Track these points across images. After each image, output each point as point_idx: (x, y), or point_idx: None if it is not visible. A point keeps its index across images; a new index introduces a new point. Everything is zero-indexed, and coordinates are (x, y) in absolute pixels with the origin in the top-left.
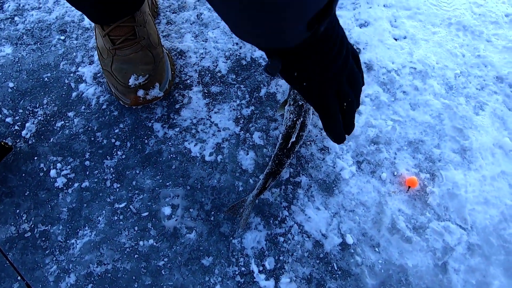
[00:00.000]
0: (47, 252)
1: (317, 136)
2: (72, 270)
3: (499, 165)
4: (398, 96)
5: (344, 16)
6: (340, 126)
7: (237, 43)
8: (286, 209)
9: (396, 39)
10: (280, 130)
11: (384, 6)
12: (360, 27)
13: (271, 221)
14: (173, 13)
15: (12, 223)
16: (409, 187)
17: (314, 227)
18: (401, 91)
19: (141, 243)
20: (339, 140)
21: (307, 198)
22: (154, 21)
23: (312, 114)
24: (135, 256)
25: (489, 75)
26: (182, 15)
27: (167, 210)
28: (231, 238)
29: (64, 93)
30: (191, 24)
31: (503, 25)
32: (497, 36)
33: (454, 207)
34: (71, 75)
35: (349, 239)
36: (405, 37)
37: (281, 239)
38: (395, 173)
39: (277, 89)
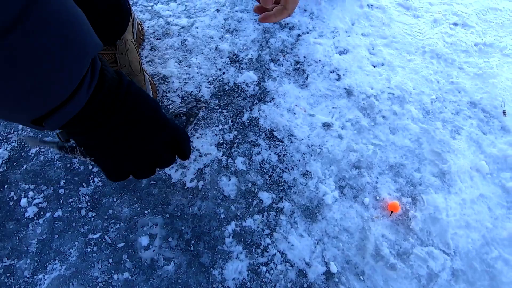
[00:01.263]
0: None
1: (299, 160)
2: None
3: (478, 188)
4: (378, 121)
5: (324, 44)
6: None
7: (220, 69)
8: (269, 236)
9: (374, 66)
10: (262, 155)
11: (362, 35)
12: (340, 54)
13: (253, 250)
14: (157, 39)
15: None
16: (391, 211)
17: (297, 255)
18: (381, 116)
19: (115, 276)
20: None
21: (290, 224)
22: (138, 48)
23: None
24: None
25: (463, 100)
26: (166, 41)
27: (144, 240)
28: (211, 269)
29: None
30: (175, 50)
31: (473, 54)
32: (468, 64)
33: (436, 231)
34: None
35: (333, 268)
36: (382, 64)
37: (264, 268)
38: (378, 198)
39: (259, 113)
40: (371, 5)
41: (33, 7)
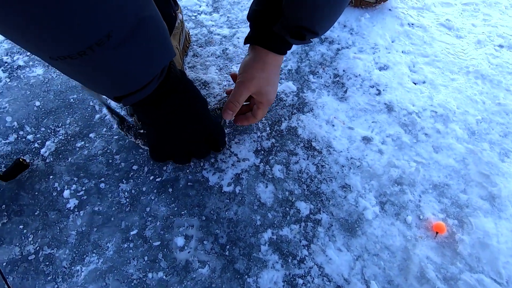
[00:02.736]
0: (49, 278)
1: (338, 173)
2: None
3: None
4: (420, 138)
5: (364, 59)
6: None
7: None
8: (306, 248)
9: (415, 83)
10: (300, 164)
11: (402, 52)
12: (380, 70)
13: (289, 260)
14: (199, 47)
15: (17, 244)
16: (436, 233)
17: (335, 270)
18: (423, 133)
19: (149, 275)
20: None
21: (328, 237)
22: (183, 54)
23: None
24: None
25: None
26: (208, 49)
27: (180, 241)
28: (246, 276)
29: (87, 114)
30: (216, 57)
31: None
32: None
33: (486, 258)
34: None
35: (374, 287)
36: (424, 82)
37: (300, 281)
38: (421, 217)
39: (298, 123)
40: (412, 24)
41: (139, 30)
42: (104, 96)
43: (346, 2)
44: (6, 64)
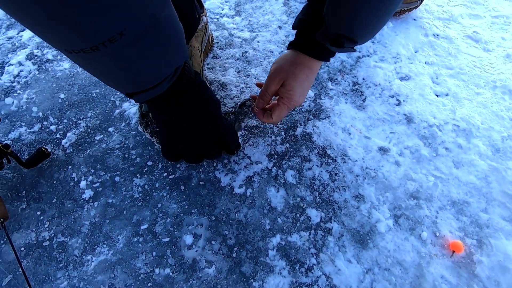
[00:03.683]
0: (61, 265)
1: (352, 182)
2: None
3: None
4: (440, 152)
5: (385, 68)
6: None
7: None
8: (314, 256)
9: (437, 95)
10: (313, 171)
11: (425, 63)
12: (401, 80)
13: (297, 268)
14: (220, 49)
15: (34, 229)
16: (453, 251)
17: (343, 282)
18: (443, 147)
19: (157, 270)
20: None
21: (338, 247)
22: (205, 56)
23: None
24: (149, 285)
25: None
26: (228, 51)
27: (188, 239)
28: (252, 280)
29: (108, 109)
30: (235, 60)
31: None
32: None
33: (506, 283)
34: (117, 93)
35: None
36: (447, 95)
37: None
38: (437, 234)
39: (313, 129)
40: (437, 35)
41: (153, 30)
42: None
43: (388, 15)
44: (36, 57)
